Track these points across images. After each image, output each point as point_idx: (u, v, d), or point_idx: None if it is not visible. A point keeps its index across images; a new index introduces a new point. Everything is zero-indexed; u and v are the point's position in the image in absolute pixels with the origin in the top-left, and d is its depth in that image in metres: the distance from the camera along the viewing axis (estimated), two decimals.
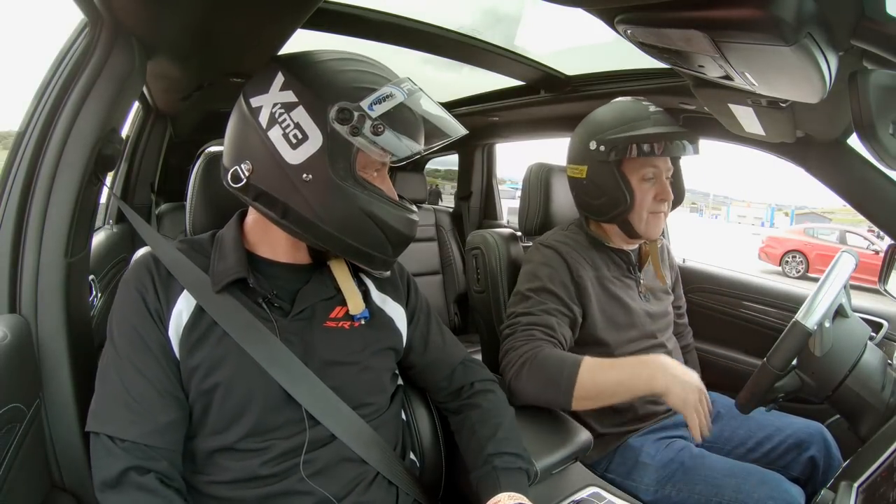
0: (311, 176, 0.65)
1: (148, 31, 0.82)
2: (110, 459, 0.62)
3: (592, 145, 1.11)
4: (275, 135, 0.66)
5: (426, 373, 0.89)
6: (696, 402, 0.89)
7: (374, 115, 0.64)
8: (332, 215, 0.67)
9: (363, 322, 0.76)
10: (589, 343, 1.11)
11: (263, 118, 0.66)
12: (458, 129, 0.72)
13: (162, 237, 0.76)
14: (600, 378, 0.94)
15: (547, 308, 1.06)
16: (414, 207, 0.75)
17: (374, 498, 0.73)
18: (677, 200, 1.18)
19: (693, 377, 0.92)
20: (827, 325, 0.87)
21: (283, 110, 0.65)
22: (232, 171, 0.69)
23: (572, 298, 1.08)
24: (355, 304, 0.75)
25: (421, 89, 0.70)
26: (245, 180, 0.68)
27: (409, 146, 0.67)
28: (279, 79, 0.67)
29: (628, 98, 1.18)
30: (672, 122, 1.11)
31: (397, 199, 0.73)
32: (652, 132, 1.07)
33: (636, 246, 1.22)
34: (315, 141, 0.65)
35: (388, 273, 0.79)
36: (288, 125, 0.65)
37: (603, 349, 1.11)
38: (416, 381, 0.91)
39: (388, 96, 0.65)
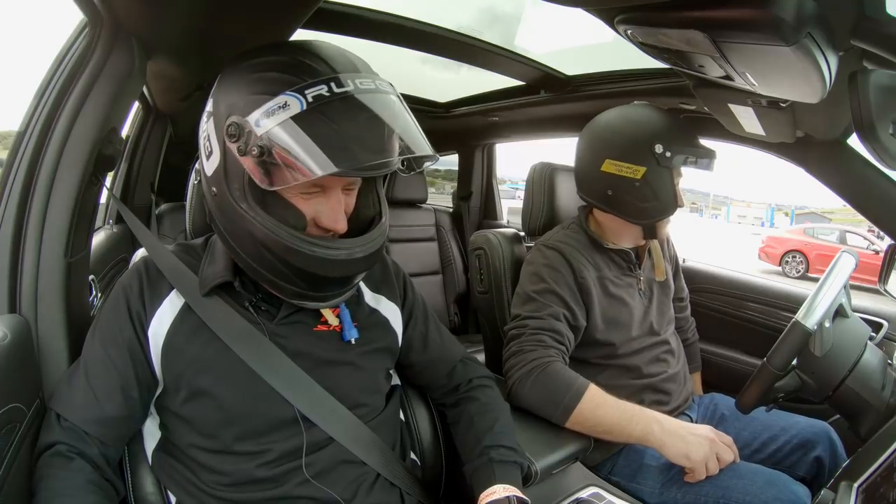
0: (216, 190, 0.63)
1: (148, 31, 0.82)
2: (49, 431, 0.65)
3: (658, 148, 1.09)
4: (201, 144, 0.65)
5: (426, 371, 0.89)
6: (706, 455, 0.90)
7: (259, 132, 0.55)
8: (232, 233, 0.64)
9: (353, 342, 0.74)
10: (590, 343, 1.11)
11: (200, 125, 0.66)
12: (419, 147, 0.59)
13: (157, 239, 0.77)
14: (600, 413, 0.95)
15: (554, 312, 1.06)
16: (366, 240, 0.64)
17: (378, 500, 0.73)
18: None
19: (699, 433, 0.92)
20: (827, 325, 0.87)
21: (205, 118, 0.64)
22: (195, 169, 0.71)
23: (576, 301, 1.09)
24: (332, 318, 0.74)
25: (366, 90, 0.57)
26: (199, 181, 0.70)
27: (310, 168, 0.54)
28: (216, 83, 0.64)
29: (650, 104, 1.19)
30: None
31: (339, 226, 0.63)
32: (703, 150, 1.13)
33: (635, 245, 1.22)
34: (216, 156, 0.61)
35: (323, 305, 0.69)
36: (204, 135, 0.64)
37: (607, 349, 1.11)
38: (415, 379, 0.91)
39: (279, 107, 0.54)
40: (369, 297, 0.81)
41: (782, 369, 0.89)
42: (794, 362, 0.92)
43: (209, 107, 0.63)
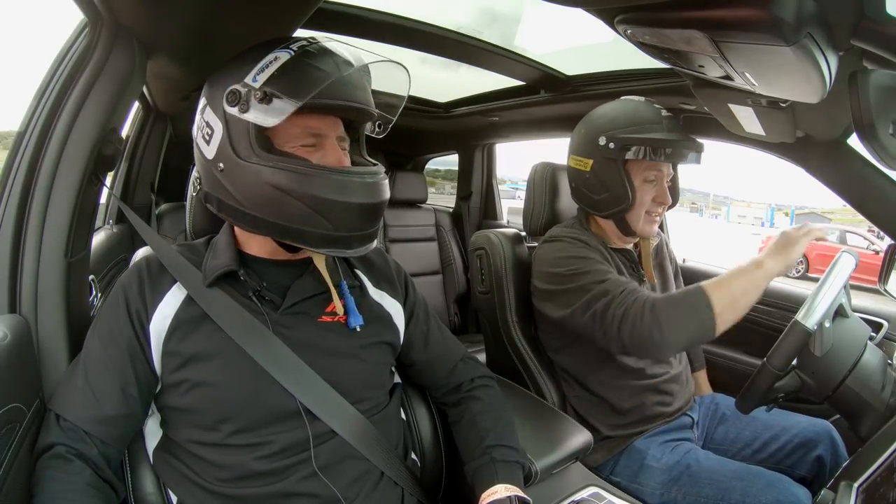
0: (223, 164, 0.67)
1: (148, 31, 0.82)
2: (48, 432, 0.65)
3: (602, 140, 1.10)
4: (199, 140, 0.70)
5: (427, 370, 0.89)
6: (802, 235, 0.97)
7: (257, 85, 0.63)
8: (247, 197, 0.66)
9: (358, 328, 0.76)
10: (592, 343, 1.07)
11: (195, 130, 0.72)
12: (368, 56, 0.68)
13: (160, 237, 0.77)
14: (727, 291, 0.93)
15: (613, 272, 1.06)
16: (370, 169, 0.69)
17: (380, 499, 0.73)
18: (672, 203, 1.19)
19: (788, 241, 0.97)
20: (827, 325, 0.87)
21: (200, 115, 0.70)
22: (194, 179, 0.75)
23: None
24: (339, 306, 0.75)
25: (348, 45, 0.68)
26: (199, 188, 0.73)
27: (300, 100, 0.62)
28: (205, 86, 0.71)
29: (640, 98, 1.17)
30: (680, 129, 1.12)
31: (342, 166, 0.69)
32: (663, 137, 1.07)
33: (633, 244, 1.22)
34: (218, 131, 0.67)
35: (352, 251, 0.69)
36: (202, 125, 0.69)
37: (603, 350, 1.09)
38: (416, 378, 0.91)
39: (270, 62, 0.64)
40: (373, 291, 0.82)
41: (782, 369, 0.89)
42: (794, 362, 0.92)
43: (201, 103, 0.70)
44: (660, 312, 0.93)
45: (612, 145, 1.09)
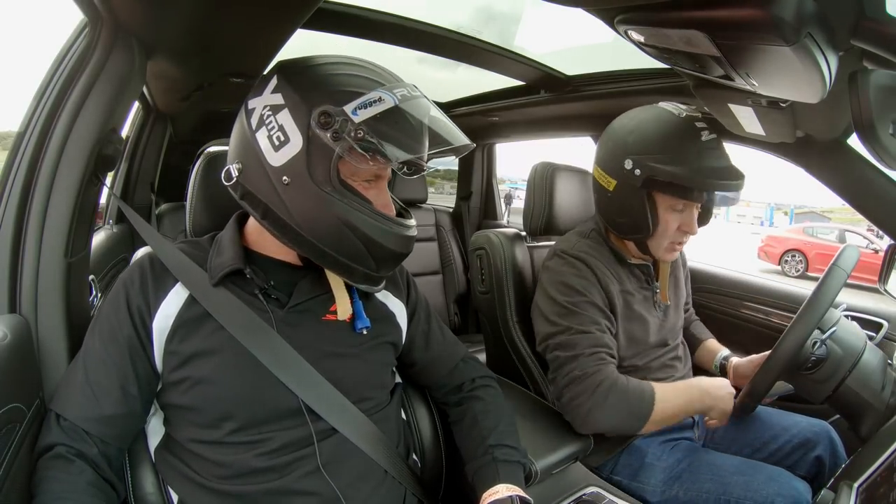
0: (289, 179, 0.64)
1: (148, 31, 0.82)
2: (48, 433, 0.65)
3: (628, 164, 1.00)
4: (261, 136, 0.66)
5: (428, 369, 0.89)
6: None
7: (357, 119, 0.61)
8: (308, 221, 0.66)
9: (364, 331, 0.76)
10: None
11: (254, 120, 0.67)
12: (460, 137, 0.69)
13: (161, 236, 0.77)
14: (669, 406, 0.98)
15: (601, 326, 1.01)
16: (411, 223, 0.72)
17: (384, 498, 0.73)
18: (702, 223, 1.12)
19: (724, 392, 1.02)
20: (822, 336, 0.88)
21: (270, 112, 0.65)
22: (227, 168, 0.71)
23: (608, 312, 1.05)
24: (343, 309, 0.75)
25: (424, 96, 0.68)
26: (235, 179, 0.69)
27: (396, 154, 0.63)
28: (273, 82, 0.67)
29: (680, 109, 1.03)
30: (724, 156, 1.00)
31: (392, 212, 0.71)
32: (697, 178, 0.96)
33: (644, 259, 1.17)
34: (295, 144, 0.64)
35: (377, 287, 0.74)
36: (273, 127, 0.65)
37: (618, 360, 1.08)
38: (417, 378, 0.91)
39: (375, 101, 0.63)
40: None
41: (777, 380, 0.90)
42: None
43: (273, 101, 0.66)
44: (610, 398, 0.94)
45: (637, 172, 0.99)
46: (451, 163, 2.84)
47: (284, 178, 0.65)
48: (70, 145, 0.75)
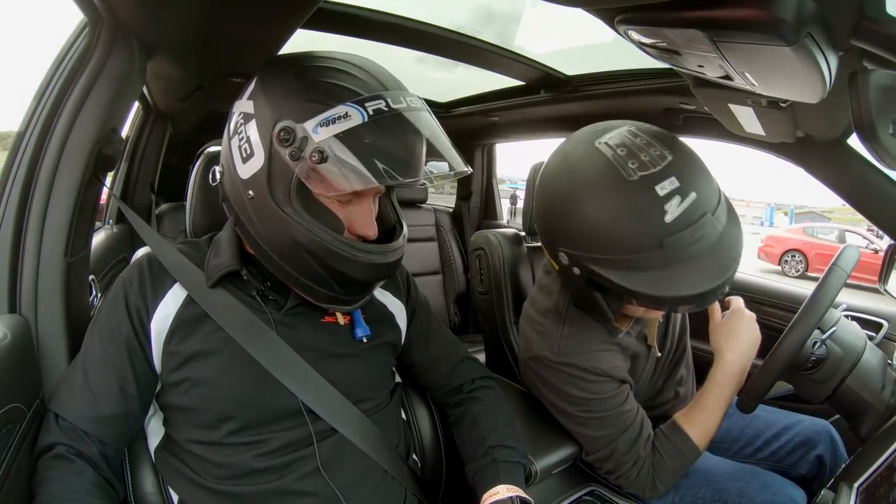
0: (253, 194, 0.62)
1: (148, 31, 0.82)
2: (48, 432, 0.65)
3: (563, 259, 0.77)
4: (234, 145, 0.64)
5: (428, 369, 0.89)
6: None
7: (318, 138, 0.56)
8: (268, 236, 0.64)
9: (364, 339, 0.75)
10: None
11: (231, 126, 0.65)
12: (457, 163, 0.63)
13: (160, 236, 0.77)
14: (704, 428, 0.91)
15: (632, 405, 0.91)
16: (394, 245, 0.67)
17: (384, 498, 0.73)
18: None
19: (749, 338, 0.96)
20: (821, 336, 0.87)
21: (242, 121, 0.63)
22: (213, 169, 0.71)
23: (626, 376, 0.94)
24: (342, 314, 0.75)
25: (422, 108, 0.62)
26: (218, 182, 0.69)
27: (360, 179, 0.56)
28: (251, 86, 0.64)
29: (621, 149, 0.73)
30: (709, 227, 0.71)
31: (371, 233, 0.66)
32: (655, 295, 0.70)
33: None
34: (258, 158, 0.60)
35: (348, 308, 0.70)
36: (242, 138, 0.62)
37: None
38: (417, 378, 0.91)
39: (339, 117, 0.56)
40: (377, 291, 0.82)
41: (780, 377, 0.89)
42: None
43: (246, 108, 0.62)
44: (664, 471, 0.90)
45: (577, 271, 0.76)
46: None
47: (249, 191, 0.62)
48: (70, 145, 0.75)
